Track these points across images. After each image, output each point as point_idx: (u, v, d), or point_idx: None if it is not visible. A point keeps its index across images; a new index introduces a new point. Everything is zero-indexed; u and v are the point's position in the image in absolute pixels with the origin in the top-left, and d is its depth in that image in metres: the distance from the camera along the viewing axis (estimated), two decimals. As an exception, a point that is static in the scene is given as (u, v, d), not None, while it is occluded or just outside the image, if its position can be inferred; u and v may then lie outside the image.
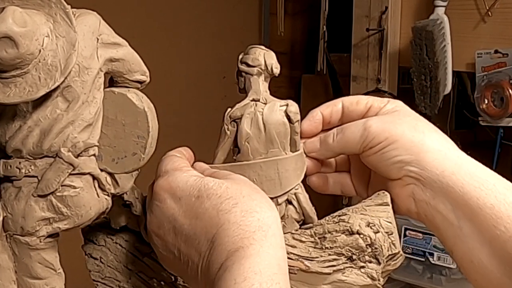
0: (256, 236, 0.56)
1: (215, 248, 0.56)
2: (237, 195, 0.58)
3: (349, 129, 0.68)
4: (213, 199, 0.58)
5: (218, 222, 0.57)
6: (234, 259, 0.54)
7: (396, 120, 0.67)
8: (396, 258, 0.67)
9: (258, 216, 0.57)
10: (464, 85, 2.03)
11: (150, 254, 0.70)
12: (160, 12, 2.18)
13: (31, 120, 0.59)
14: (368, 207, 0.67)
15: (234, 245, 0.55)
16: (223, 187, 0.59)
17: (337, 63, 2.27)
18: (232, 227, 0.56)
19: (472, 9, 1.74)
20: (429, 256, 1.75)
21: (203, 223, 0.58)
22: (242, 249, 0.55)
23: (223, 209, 0.57)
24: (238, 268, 0.53)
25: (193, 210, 0.58)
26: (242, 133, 0.66)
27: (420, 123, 0.67)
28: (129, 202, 0.67)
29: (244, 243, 0.55)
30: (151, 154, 0.64)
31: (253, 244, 0.55)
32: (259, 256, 0.54)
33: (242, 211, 0.57)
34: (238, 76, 0.69)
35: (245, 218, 0.57)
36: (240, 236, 0.55)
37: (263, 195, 0.60)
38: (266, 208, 0.58)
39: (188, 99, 2.28)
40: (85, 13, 0.60)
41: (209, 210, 0.58)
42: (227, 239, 0.56)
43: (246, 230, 0.56)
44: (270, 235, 0.56)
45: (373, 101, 0.71)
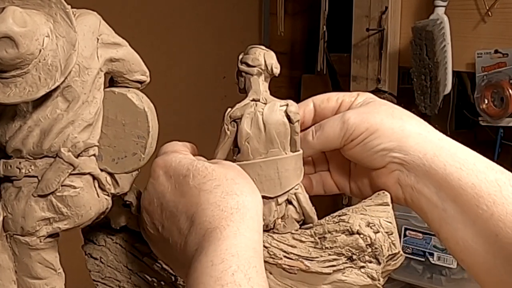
0: (234, 218, 0.56)
1: (194, 227, 0.57)
2: (221, 177, 0.59)
3: (328, 125, 0.69)
4: (197, 179, 0.59)
5: (199, 201, 0.58)
6: (211, 240, 0.55)
7: (372, 110, 0.68)
8: (396, 258, 0.67)
9: (237, 199, 0.58)
10: (464, 85, 2.04)
11: (150, 254, 0.70)
12: (160, 12, 2.18)
13: (31, 120, 0.59)
14: (368, 207, 0.67)
15: (211, 225, 0.56)
16: (210, 169, 0.60)
17: (337, 63, 2.27)
18: (211, 207, 0.57)
19: (472, 9, 1.74)
20: (429, 256, 1.75)
21: (185, 201, 0.59)
22: (219, 229, 0.55)
23: (204, 189, 0.58)
24: (214, 249, 0.54)
25: (179, 187, 0.60)
26: (242, 133, 0.66)
27: (396, 110, 0.68)
28: (129, 202, 0.67)
29: (221, 223, 0.56)
30: (151, 154, 0.64)
31: (230, 226, 0.55)
32: (236, 238, 0.55)
33: (223, 193, 0.58)
34: (238, 76, 0.69)
35: (224, 200, 0.57)
36: (218, 217, 0.56)
37: (247, 180, 0.61)
38: (247, 192, 0.59)
39: (188, 99, 2.28)
40: (85, 13, 0.60)
41: (192, 189, 0.59)
42: (204, 218, 0.57)
43: (224, 211, 0.56)
44: (248, 218, 0.57)
45: (343, 96, 0.71)
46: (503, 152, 1.87)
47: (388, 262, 0.66)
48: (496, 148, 1.85)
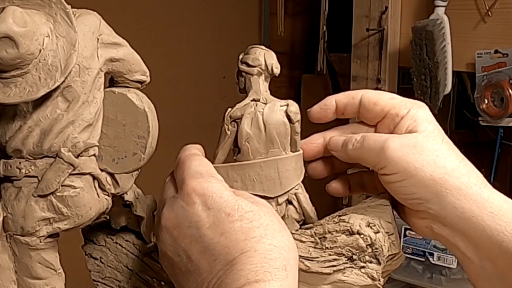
0: (279, 274, 0.54)
1: (233, 271, 0.54)
2: (268, 226, 0.56)
3: (368, 143, 0.64)
4: (244, 222, 0.56)
5: (244, 247, 0.55)
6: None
7: (416, 148, 0.62)
8: (396, 258, 0.67)
9: (285, 255, 0.55)
10: (464, 85, 2.04)
11: (150, 254, 0.70)
12: (160, 12, 2.18)
13: (31, 120, 0.59)
14: (368, 207, 0.67)
15: (254, 275, 0.53)
16: (257, 215, 0.57)
17: (337, 63, 2.27)
18: (257, 256, 0.54)
19: (472, 9, 1.74)
20: (429, 256, 1.75)
21: (227, 242, 0.55)
22: (263, 282, 0.53)
23: (252, 236, 0.55)
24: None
25: (221, 226, 0.56)
26: (242, 133, 0.66)
27: (441, 153, 0.62)
28: (129, 202, 0.67)
29: (266, 277, 0.53)
30: (151, 154, 0.64)
31: (274, 281, 0.53)
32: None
33: (271, 245, 0.55)
34: (238, 76, 0.69)
35: (272, 252, 0.55)
36: (263, 269, 0.54)
37: (289, 233, 0.59)
38: (292, 247, 0.57)
39: (188, 99, 2.28)
40: (85, 13, 0.60)
41: (238, 233, 0.55)
42: (248, 266, 0.54)
43: (270, 264, 0.54)
44: (291, 277, 0.55)
45: (391, 107, 0.66)
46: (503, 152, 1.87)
47: (388, 262, 0.66)
48: (496, 148, 1.85)
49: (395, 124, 0.66)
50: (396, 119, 0.66)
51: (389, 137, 0.63)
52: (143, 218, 0.69)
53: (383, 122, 0.67)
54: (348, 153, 0.66)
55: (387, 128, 0.67)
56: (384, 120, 0.67)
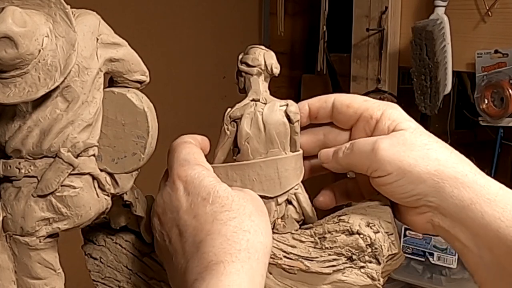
0: (240, 256, 0.55)
1: (198, 253, 0.56)
2: (239, 210, 0.58)
3: (357, 147, 0.64)
4: (215, 206, 0.58)
5: (210, 229, 0.57)
6: (213, 273, 0.54)
7: (407, 146, 0.62)
8: (396, 258, 0.67)
9: (249, 237, 0.56)
10: (464, 85, 2.04)
11: (150, 254, 0.70)
12: (160, 12, 2.18)
13: (30, 120, 0.59)
14: (368, 207, 0.67)
15: (216, 257, 0.55)
16: (230, 199, 0.58)
17: (337, 63, 2.27)
18: (220, 238, 0.56)
19: (472, 9, 1.74)
20: (429, 256, 1.75)
21: (196, 224, 0.58)
22: (223, 264, 0.54)
23: (219, 219, 0.57)
24: (216, 284, 0.53)
25: (195, 209, 0.58)
26: (242, 133, 0.66)
27: (432, 147, 0.63)
28: (129, 202, 0.67)
29: (226, 258, 0.54)
30: (151, 154, 0.64)
31: (235, 263, 0.54)
32: (239, 276, 0.54)
33: (236, 227, 0.56)
34: (238, 76, 0.69)
35: (236, 235, 0.56)
36: (225, 251, 0.55)
37: (264, 218, 0.60)
38: (260, 231, 0.58)
39: (188, 99, 2.28)
40: (84, 13, 0.60)
41: (207, 215, 0.57)
42: (211, 249, 0.55)
43: (232, 246, 0.55)
44: (254, 259, 0.55)
45: (364, 109, 0.67)
46: (503, 152, 1.87)
47: (388, 262, 0.66)
48: (496, 148, 1.85)
49: (371, 127, 0.66)
50: (370, 121, 0.66)
51: (377, 139, 0.63)
52: (143, 218, 0.69)
53: (358, 126, 0.67)
54: (340, 161, 0.66)
55: (362, 131, 0.67)
56: (358, 123, 0.67)
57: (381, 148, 0.62)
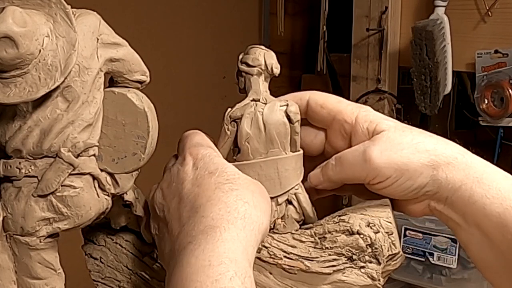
0: (237, 223, 0.55)
1: (195, 217, 0.56)
2: (242, 185, 0.59)
3: (347, 161, 0.65)
4: (220, 178, 0.58)
5: (211, 196, 0.57)
6: (209, 238, 0.54)
7: (396, 146, 0.64)
8: (396, 258, 0.67)
9: (247, 208, 0.57)
10: (464, 85, 2.04)
11: (150, 254, 0.70)
12: (160, 12, 2.18)
13: (31, 120, 0.59)
14: (368, 207, 0.67)
15: (213, 222, 0.55)
16: (236, 176, 0.59)
17: (337, 63, 2.27)
18: (220, 205, 0.56)
19: (472, 9, 1.74)
20: (429, 256, 1.75)
21: (198, 191, 0.58)
22: (219, 230, 0.54)
23: (221, 188, 0.58)
24: (212, 249, 0.53)
25: (200, 180, 0.59)
26: (242, 133, 0.66)
27: (418, 140, 0.65)
28: (129, 202, 0.67)
29: (223, 224, 0.55)
30: (151, 154, 0.64)
31: (231, 229, 0.55)
32: (234, 243, 0.54)
33: (237, 197, 0.57)
34: (238, 76, 0.69)
35: (235, 203, 0.57)
36: (223, 216, 0.55)
37: (266, 201, 0.60)
38: (260, 208, 0.58)
39: (188, 99, 2.28)
40: (85, 13, 0.60)
41: (211, 184, 0.58)
42: (209, 213, 0.56)
43: (230, 214, 0.56)
44: (249, 230, 0.56)
45: (337, 112, 0.67)
46: (503, 152, 1.87)
47: (388, 262, 0.66)
48: (496, 148, 1.85)
49: (347, 131, 0.67)
50: (345, 125, 0.67)
51: (365, 149, 0.64)
52: (143, 218, 0.69)
53: (333, 127, 0.68)
54: (332, 179, 0.67)
55: (338, 133, 0.68)
56: (333, 125, 0.68)
57: (373, 157, 0.64)
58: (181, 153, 0.63)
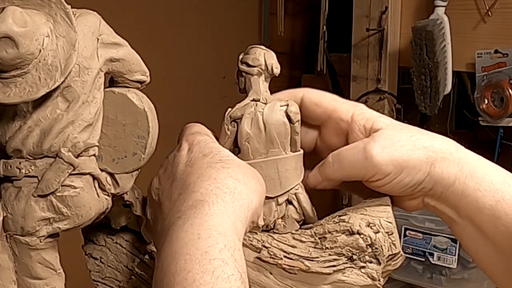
0: (225, 198, 0.56)
1: (186, 193, 0.57)
2: (234, 165, 0.59)
3: (347, 158, 0.65)
4: (213, 158, 0.59)
5: (202, 173, 0.58)
6: (197, 212, 0.54)
7: (396, 143, 0.64)
8: (396, 258, 0.67)
9: (237, 184, 0.57)
10: (464, 85, 2.03)
11: (150, 254, 0.70)
12: (160, 12, 2.18)
13: (31, 120, 0.59)
14: (368, 207, 0.67)
15: (202, 196, 0.55)
16: (230, 158, 0.60)
17: (337, 63, 2.27)
18: (209, 180, 0.57)
19: (472, 9, 1.74)
20: (429, 256, 1.75)
21: (190, 170, 0.59)
22: (208, 204, 0.55)
23: (213, 166, 0.58)
24: (201, 223, 0.53)
25: (193, 161, 0.60)
26: (242, 133, 0.66)
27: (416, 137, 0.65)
28: (129, 202, 0.67)
29: (211, 198, 0.55)
30: (151, 154, 0.64)
31: (219, 203, 0.55)
32: (222, 217, 0.54)
33: (228, 174, 0.58)
34: (238, 76, 0.69)
35: (226, 180, 0.57)
36: (212, 191, 0.56)
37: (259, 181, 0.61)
38: (250, 188, 0.58)
39: (188, 99, 2.28)
40: (85, 13, 0.60)
41: (203, 163, 0.59)
42: (198, 189, 0.56)
43: (219, 188, 0.56)
44: (238, 205, 0.56)
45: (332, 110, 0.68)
46: (503, 152, 1.87)
47: (388, 262, 0.66)
48: (496, 148, 1.85)
49: (342, 129, 0.67)
50: (341, 123, 0.67)
51: (365, 146, 0.64)
52: (143, 218, 0.69)
53: (328, 125, 0.68)
54: (331, 178, 0.67)
55: (333, 131, 0.68)
56: (328, 123, 0.68)
57: (374, 154, 0.64)
58: (179, 141, 0.64)
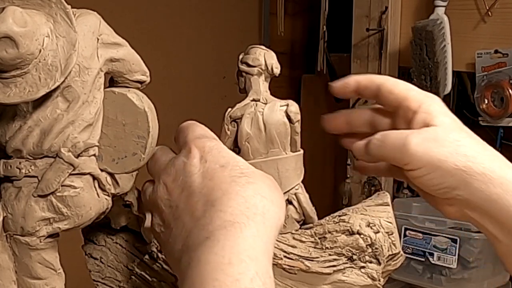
0: (256, 219, 0.53)
1: (212, 212, 0.54)
2: (258, 178, 0.57)
3: (389, 141, 0.66)
4: (234, 172, 0.56)
5: (227, 189, 0.55)
6: (228, 234, 0.52)
7: (438, 140, 0.64)
8: (396, 258, 0.67)
9: (265, 203, 0.55)
10: (464, 85, 2.04)
11: (150, 254, 0.70)
12: (160, 12, 2.18)
13: (31, 120, 0.59)
14: (368, 207, 0.67)
15: (232, 217, 0.53)
16: (250, 169, 0.57)
17: (337, 63, 2.27)
18: (238, 199, 0.54)
19: (472, 9, 1.74)
20: (429, 256, 1.75)
21: (212, 185, 0.55)
22: (239, 226, 0.52)
23: (237, 181, 0.55)
24: (232, 246, 0.51)
25: (211, 173, 0.56)
26: (243, 133, 0.66)
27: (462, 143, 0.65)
28: (129, 202, 0.67)
29: (242, 220, 0.53)
30: (151, 154, 0.64)
31: (251, 226, 0.53)
32: (255, 241, 0.52)
33: (255, 191, 0.55)
34: (238, 76, 0.69)
35: (254, 198, 0.54)
36: (242, 212, 0.53)
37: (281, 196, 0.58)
38: (277, 204, 0.56)
39: (188, 99, 2.28)
40: (85, 13, 0.60)
41: (225, 177, 0.55)
42: (227, 208, 0.53)
43: (249, 209, 0.53)
44: (268, 226, 0.54)
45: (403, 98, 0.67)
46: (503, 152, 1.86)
47: (388, 262, 0.66)
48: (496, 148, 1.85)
49: (408, 118, 0.67)
50: (409, 113, 0.67)
51: (409, 134, 0.65)
52: (143, 218, 0.69)
53: (399, 113, 0.68)
54: (372, 153, 0.67)
55: (403, 119, 0.68)
56: (399, 111, 0.68)
57: (412, 144, 0.64)
58: (185, 146, 0.59)
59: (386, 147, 0.65)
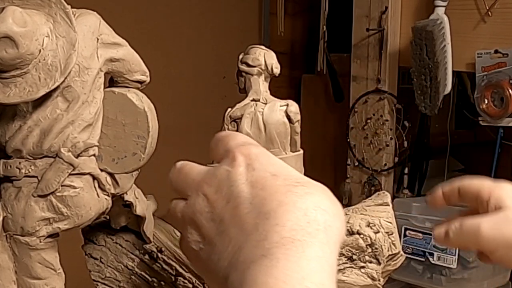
0: (319, 237, 0.47)
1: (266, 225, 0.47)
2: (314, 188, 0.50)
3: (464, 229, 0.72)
4: (288, 181, 0.50)
5: (283, 200, 0.48)
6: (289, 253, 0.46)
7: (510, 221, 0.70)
8: (396, 258, 0.67)
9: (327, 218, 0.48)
10: (464, 85, 2.04)
11: (150, 254, 0.70)
12: (160, 12, 2.18)
13: (31, 120, 0.59)
14: (368, 207, 0.67)
15: (292, 233, 0.46)
16: (305, 179, 0.51)
17: (337, 63, 2.27)
18: (297, 212, 0.47)
19: (472, 9, 1.74)
20: (429, 256, 1.75)
21: (264, 195, 0.49)
22: (301, 245, 0.46)
23: (294, 191, 0.49)
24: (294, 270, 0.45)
25: (262, 182, 0.50)
26: (242, 133, 0.66)
27: None
28: (129, 202, 0.67)
29: (304, 237, 0.46)
30: (151, 154, 0.64)
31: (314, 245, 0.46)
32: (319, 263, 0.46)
33: (315, 204, 0.48)
34: (238, 76, 0.69)
35: (314, 212, 0.48)
36: (302, 227, 0.47)
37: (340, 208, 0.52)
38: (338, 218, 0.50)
39: (188, 99, 2.28)
40: (85, 13, 0.60)
41: (279, 186, 0.49)
42: (285, 222, 0.47)
43: (311, 225, 0.47)
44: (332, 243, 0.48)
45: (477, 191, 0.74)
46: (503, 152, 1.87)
47: (388, 262, 0.66)
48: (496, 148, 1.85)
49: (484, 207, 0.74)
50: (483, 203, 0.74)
51: (481, 221, 0.71)
52: (143, 218, 0.69)
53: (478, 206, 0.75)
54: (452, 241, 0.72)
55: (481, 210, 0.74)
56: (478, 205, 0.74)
57: (484, 228, 0.70)
58: (227, 154, 0.53)
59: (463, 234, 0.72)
